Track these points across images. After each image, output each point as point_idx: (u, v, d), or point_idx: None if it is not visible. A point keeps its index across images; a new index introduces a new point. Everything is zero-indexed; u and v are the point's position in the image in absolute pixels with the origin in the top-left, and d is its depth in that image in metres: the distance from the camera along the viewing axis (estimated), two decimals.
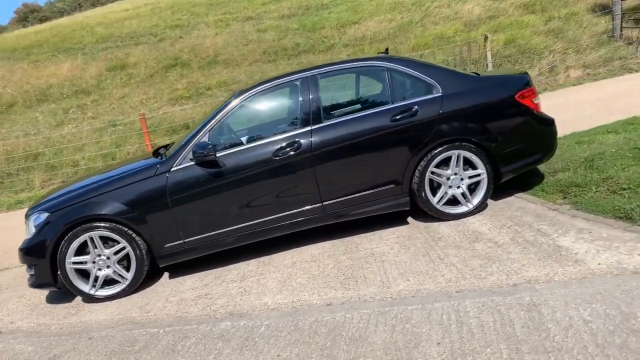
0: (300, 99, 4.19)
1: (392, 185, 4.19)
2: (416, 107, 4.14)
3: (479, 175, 4.24)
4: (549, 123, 4.44)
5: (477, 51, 10.76)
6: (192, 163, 4.01)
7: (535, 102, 4.34)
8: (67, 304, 4.19)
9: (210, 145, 3.94)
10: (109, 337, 3.43)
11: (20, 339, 3.69)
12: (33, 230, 4.03)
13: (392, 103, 4.22)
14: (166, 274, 4.43)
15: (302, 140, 4.05)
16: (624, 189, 4.02)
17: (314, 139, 4.06)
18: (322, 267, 3.88)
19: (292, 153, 4.03)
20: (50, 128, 12.63)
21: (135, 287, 4.11)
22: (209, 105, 11.92)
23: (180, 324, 3.43)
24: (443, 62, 11.23)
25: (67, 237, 3.95)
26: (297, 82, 4.23)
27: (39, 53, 19.98)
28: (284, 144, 4.05)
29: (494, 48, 11.69)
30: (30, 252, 4.01)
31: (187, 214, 4.04)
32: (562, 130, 5.10)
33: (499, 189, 4.59)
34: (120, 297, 4.08)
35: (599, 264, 3.06)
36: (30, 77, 16.18)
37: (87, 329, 3.64)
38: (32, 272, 4.05)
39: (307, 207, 4.14)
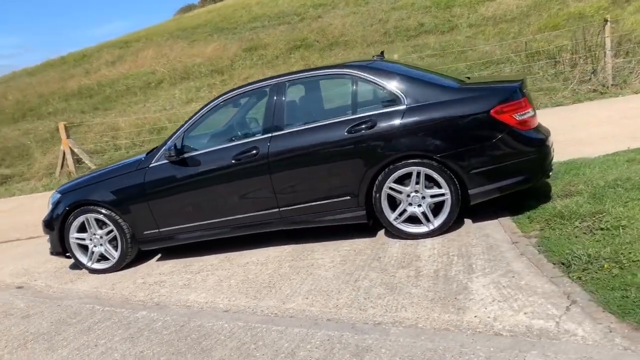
0: (266, 106, 4.30)
1: (348, 197, 4.11)
2: (375, 119, 3.98)
3: (442, 195, 3.94)
4: (536, 143, 3.90)
5: (598, 36, 9.34)
6: (166, 161, 4.42)
7: (520, 117, 3.83)
8: (77, 271, 4.97)
9: (173, 148, 4.30)
10: (68, 307, 4.06)
11: (26, 296, 4.54)
12: (50, 206, 4.85)
13: (353, 114, 4.11)
14: (158, 256, 4.98)
15: (260, 147, 4.18)
16: (602, 228, 3.42)
17: (272, 146, 4.16)
18: (261, 272, 4.03)
19: (250, 158, 4.20)
20: (181, 104, 14.24)
21: (121, 266, 4.71)
22: None
23: (119, 306, 3.92)
24: (553, 49, 10.02)
25: (70, 216, 4.69)
26: (267, 89, 4.34)
27: (201, 32, 22.26)
28: (244, 149, 4.23)
29: (630, 32, 10.03)
30: (46, 225, 4.84)
31: (160, 206, 4.48)
32: None
33: (489, 209, 4.23)
34: (109, 272, 4.73)
35: (475, 316, 2.74)
36: (183, 56, 18.22)
37: (65, 297, 4.34)
38: (49, 242, 4.90)
39: (265, 212, 4.29)
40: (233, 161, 4.23)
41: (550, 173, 4.11)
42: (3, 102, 19.34)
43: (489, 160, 3.86)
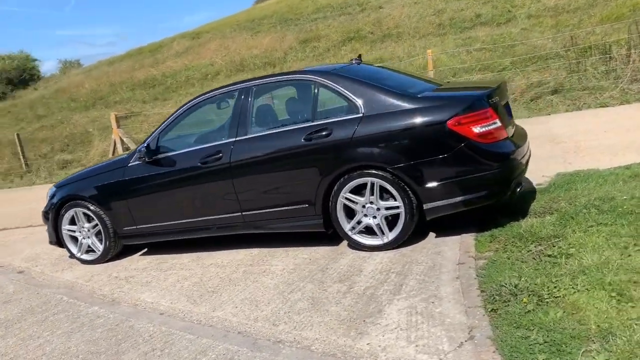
0: (233, 110, 4.34)
1: (305, 205, 4.07)
2: (331, 127, 3.89)
3: (397, 208, 3.79)
4: (499, 157, 3.64)
5: None
6: (140, 162, 4.59)
7: (481, 129, 3.59)
8: (72, 261, 5.29)
9: (145, 149, 4.44)
10: (44, 295, 4.36)
11: (20, 281, 4.91)
12: (47, 199, 5.20)
13: (312, 121, 4.03)
14: (144, 250, 5.19)
15: (224, 151, 4.23)
16: (549, 255, 3.17)
17: (235, 150, 4.20)
18: (217, 275, 4.10)
19: (215, 162, 4.25)
20: None
21: (106, 258, 4.97)
22: None
23: (83, 299, 4.14)
24: (606, 43, 9.20)
25: (63, 208, 5.00)
26: (235, 93, 4.37)
27: (267, 24, 22.63)
28: (210, 152, 4.30)
29: None
30: (44, 216, 5.20)
31: (137, 204, 4.67)
32: None
33: (458, 223, 4.05)
34: (95, 264, 5.01)
35: (368, 343, 2.63)
36: (243, 48, 18.65)
37: (48, 285, 4.65)
38: (47, 232, 5.27)
39: (229, 215, 4.34)
40: (200, 164, 4.31)
41: (519, 189, 3.82)
42: (80, 91, 20.84)
43: (444, 174, 3.66)
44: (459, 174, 3.64)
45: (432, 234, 4.08)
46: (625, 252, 2.92)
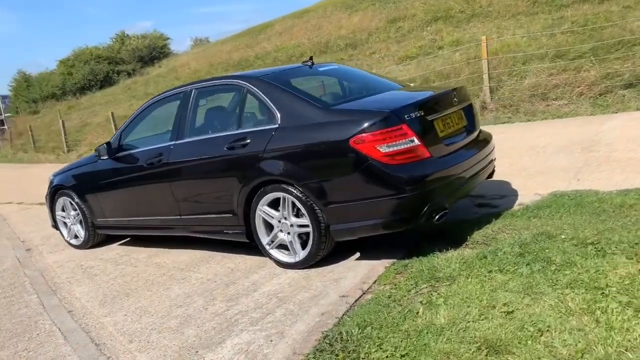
0: (175, 113, 4.33)
1: (230, 215, 3.97)
2: (250, 137, 3.72)
3: (307, 226, 3.56)
4: (408, 181, 3.20)
5: None
6: (106, 158, 4.80)
7: (388, 149, 3.19)
8: (66, 245, 5.72)
9: (104, 146, 4.64)
10: (18, 276, 4.78)
11: (19, 259, 5.45)
12: (48, 185, 5.68)
13: (238, 128, 3.89)
14: (126, 240, 5.47)
15: (164, 153, 4.27)
16: (421, 302, 2.76)
17: (172, 154, 4.21)
18: (146, 276, 4.19)
19: (157, 164, 4.31)
20: None
21: (88, 245, 5.32)
22: (421, 68, 11.55)
23: (39, 284, 4.46)
24: None
25: (56, 196, 5.44)
26: (181, 96, 4.35)
27: (369, 2, 22.12)
28: (154, 154, 4.36)
29: None
30: (46, 200, 5.69)
31: (103, 199, 4.92)
32: None
33: (391, 244, 3.77)
34: (79, 249, 5.39)
35: None
36: (333, 28, 18.49)
37: (31, 266, 5.09)
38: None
39: (170, 217, 4.40)
40: (146, 165, 4.40)
41: (438, 215, 3.33)
42: (184, 70, 22.28)
43: (348, 196, 3.33)
44: (364, 197, 3.29)
45: (356, 254, 3.78)
46: (486, 312, 2.44)
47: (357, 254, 3.78)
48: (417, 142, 3.25)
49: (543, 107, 8.11)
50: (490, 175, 4.16)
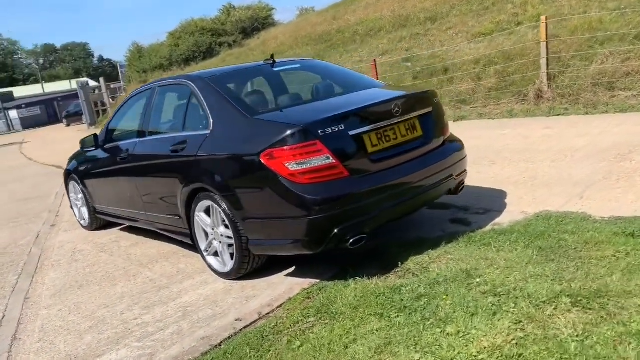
0: (142, 110, 4.36)
1: (177, 217, 3.96)
2: (187, 141, 3.65)
3: (231, 237, 3.44)
4: (310, 203, 2.92)
5: None
6: (92, 149, 5.00)
7: (297, 167, 2.94)
8: (78, 225, 6.09)
9: (92, 137, 4.82)
10: (25, 253, 5.20)
11: (39, 234, 5.93)
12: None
13: (182, 131, 3.83)
14: (125, 225, 5.72)
15: (130, 150, 4.35)
16: (288, 340, 2.56)
17: (135, 151, 4.27)
18: (110, 268, 4.34)
19: (126, 159, 4.40)
20: (375, 57, 14.10)
21: (92, 227, 5.63)
22: (491, 47, 10.59)
23: (31, 264, 4.83)
24: None
25: (68, 179, 5.81)
26: (148, 93, 4.37)
27: None
28: (124, 150, 4.45)
29: None
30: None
31: (95, 186, 5.16)
32: None
33: (327, 263, 3.53)
34: (86, 230, 5.73)
35: None
36: (408, 2, 17.58)
37: (41, 244, 5.51)
38: None
39: (139, 212, 4.49)
40: (119, 159, 4.51)
41: (352, 240, 3.01)
42: (271, 44, 22.55)
43: (258, 212, 3.16)
44: (277, 215, 3.09)
45: (290, 269, 3.59)
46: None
47: (291, 269, 3.59)
48: (332, 159, 2.96)
49: (607, 99, 7.06)
50: (456, 190, 3.71)
